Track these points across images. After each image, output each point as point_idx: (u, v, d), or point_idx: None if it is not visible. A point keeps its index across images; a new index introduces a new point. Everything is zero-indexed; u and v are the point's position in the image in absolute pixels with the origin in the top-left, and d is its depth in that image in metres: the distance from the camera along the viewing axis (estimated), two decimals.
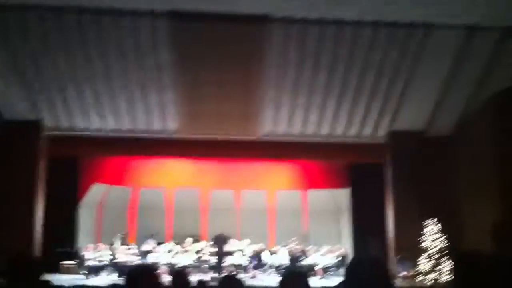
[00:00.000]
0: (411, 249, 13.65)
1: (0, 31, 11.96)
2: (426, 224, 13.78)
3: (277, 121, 14.81)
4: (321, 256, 15.09)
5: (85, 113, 14.30)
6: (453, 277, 2.12)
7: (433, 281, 13.03)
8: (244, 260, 14.80)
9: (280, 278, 3.18)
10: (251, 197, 17.86)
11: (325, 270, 14.73)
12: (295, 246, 15.70)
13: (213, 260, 14.47)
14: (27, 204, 13.86)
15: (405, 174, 14.61)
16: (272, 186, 18.11)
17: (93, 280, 12.87)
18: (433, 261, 13.36)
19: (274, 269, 14.92)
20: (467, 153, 14.06)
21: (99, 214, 17.53)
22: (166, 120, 14.67)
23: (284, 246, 15.72)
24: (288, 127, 14.98)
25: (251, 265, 14.65)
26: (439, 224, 13.69)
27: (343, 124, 14.91)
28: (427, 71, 13.17)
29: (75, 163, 16.03)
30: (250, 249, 15.36)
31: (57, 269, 14.17)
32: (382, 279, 1.94)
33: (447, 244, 13.43)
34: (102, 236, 16.73)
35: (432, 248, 13.51)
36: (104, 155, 15.86)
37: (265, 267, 14.96)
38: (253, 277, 13.92)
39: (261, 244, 15.59)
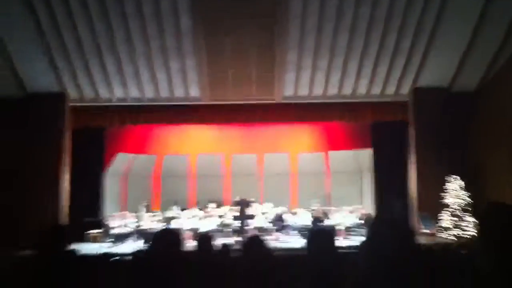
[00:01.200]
0: (434, 207, 13.66)
1: (23, 3, 11.99)
2: (449, 181, 13.73)
3: (298, 83, 14.74)
4: (344, 217, 15.15)
5: (108, 83, 14.43)
6: (480, 229, 2.10)
7: (455, 237, 13.04)
8: (267, 223, 14.94)
9: (307, 236, 3.20)
10: (273, 160, 17.97)
11: (348, 230, 14.81)
12: (317, 207, 15.80)
13: (236, 224, 14.62)
14: (54, 175, 14.18)
15: (428, 132, 14.53)
16: (294, 149, 18.18)
17: (119, 248, 13.13)
18: (456, 218, 13.35)
19: (297, 231, 15.05)
20: (492, 109, 13.87)
21: (124, 182, 17.81)
22: (187, 87, 14.73)
23: (307, 208, 15.81)
24: (310, 89, 14.92)
25: (274, 228, 14.79)
26: (462, 181, 13.63)
27: (366, 83, 14.81)
28: (451, 27, 12.91)
29: (100, 133, 16.23)
30: (272, 212, 15.49)
31: (84, 238, 14.50)
32: (404, 237, 1.95)
33: (470, 201, 13.40)
34: (127, 205, 17.05)
35: (454, 205, 13.48)
36: (128, 124, 16.01)
37: (288, 229, 15.10)
38: (276, 239, 14.06)
39: (283, 207, 15.70)
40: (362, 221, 14.95)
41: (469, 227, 13.12)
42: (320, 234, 3.44)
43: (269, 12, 12.72)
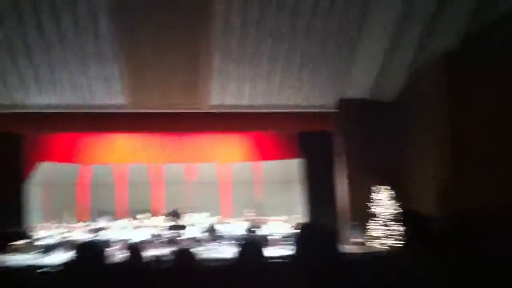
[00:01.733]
0: (364, 216, 14.00)
1: None
2: (377, 190, 14.12)
3: (225, 92, 14.78)
4: (275, 226, 15.26)
5: (24, 89, 13.83)
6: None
7: (383, 246, 13.41)
8: (199, 233, 14.83)
9: (236, 248, 3.19)
10: (203, 170, 17.86)
11: (280, 240, 14.93)
12: (249, 217, 15.83)
13: (168, 234, 14.42)
14: None
15: (354, 142, 14.96)
16: (224, 158, 18.13)
17: (44, 259, 12.64)
18: (385, 227, 13.74)
19: (230, 241, 15.02)
20: (415, 116, 14.33)
21: (48, 192, 17.13)
22: (111, 95, 14.36)
23: (239, 217, 15.82)
24: (237, 99, 14.98)
25: (207, 238, 14.69)
26: (390, 190, 14.05)
27: (292, 94, 15.04)
28: (370, 36, 13.32)
29: (20, 141, 15.47)
30: (205, 222, 15.39)
31: (7, 249, 13.83)
32: (329, 243, 1.97)
33: (398, 210, 13.82)
34: (52, 214, 16.38)
35: (383, 214, 13.87)
36: (49, 131, 15.42)
37: (221, 239, 15.03)
38: (209, 249, 13.98)
39: (216, 217, 15.63)
40: (298, 231, 15.07)
41: (398, 236, 13.52)
42: (249, 245, 3.44)
43: (194, 16, 12.67)
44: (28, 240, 14.14)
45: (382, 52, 13.85)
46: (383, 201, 14.04)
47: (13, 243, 14.08)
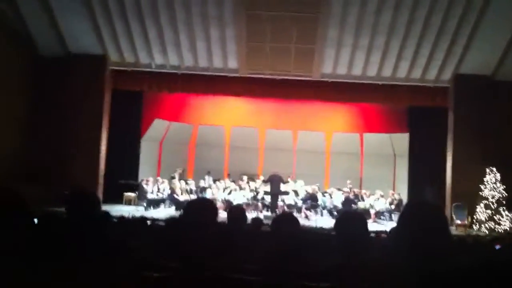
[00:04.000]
0: (468, 197, 13.45)
1: None
2: (485, 173, 13.46)
3: (337, 61, 14.58)
4: (375, 200, 15.06)
5: (148, 49, 14.55)
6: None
7: (488, 230, 12.85)
8: (298, 200, 14.98)
9: (336, 218, 3.20)
10: (308, 138, 17.90)
11: (378, 214, 14.76)
12: (349, 189, 15.73)
13: (268, 198, 14.70)
14: (93, 136, 14.50)
15: (468, 120, 14.20)
16: (330, 128, 18.05)
17: (152, 212, 13.41)
18: (490, 211, 13.13)
19: (327, 211, 15.07)
20: None
21: (160, 148, 18.07)
22: (226, 58, 14.73)
23: (339, 188, 15.76)
24: (349, 69, 14.74)
25: (305, 206, 14.82)
26: (499, 173, 13.34)
27: (407, 66, 14.52)
28: (497, 14, 12.49)
29: (139, 98, 16.50)
30: (304, 190, 15.50)
31: (119, 199, 14.87)
32: (437, 224, 1.94)
33: (505, 194, 13.13)
34: (162, 170, 17.32)
35: (490, 198, 13.24)
36: (166, 90, 16.20)
37: (319, 208, 15.12)
38: (306, 217, 14.12)
39: (315, 185, 15.70)
40: (393, 206, 14.84)
41: (504, 221, 12.91)
42: (351, 216, 3.44)
43: None
44: (138, 193, 15.07)
45: (508, 30, 12.96)
46: (491, 183, 13.36)
47: (126, 194, 15.11)
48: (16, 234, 2.37)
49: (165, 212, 13.77)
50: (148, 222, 6.51)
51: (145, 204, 14.48)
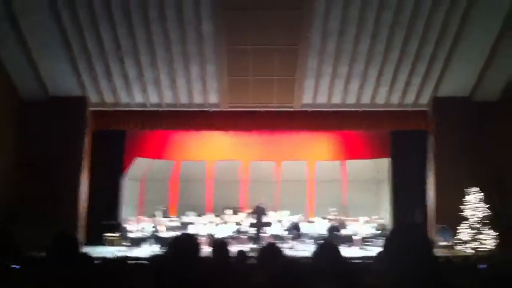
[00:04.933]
0: (452, 219, 13.52)
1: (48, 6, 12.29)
2: (468, 193, 13.57)
3: (317, 90, 14.77)
4: (360, 226, 15.06)
5: (128, 88, 14.62)
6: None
7: (473, 250, 12.88)
8: (282, 231, 14.90)
9: (313, 249, 3.20)
10: (291, 168, 17.91)
11: (364, 240, 14.73)
12: (333, 216, 15.71)
13: (252, 231, 14.61)
14: (73, 177, 14.37)
15: (448, 141, 14.41)
16: (312, 157, 18.09)
17: (135, 252, 13.21)
18: (474, 231, 13.19)
19: (313, 240, 14.99)
20: None
21: (142, 186, 17.92)
22: (207, 93, 14.83)
23: (323, 216, 15.73)
24: (329, 97, 14.92)
25: (290, 236, 14.74)
26: (481, 193, 13.46)
27: (385, 91, 14.77)
28: (472, 37, 12.83)
29: (121, 137, 16.45)
30: (289, 220, 15.44)
31: (101, 241, 14.62)
32: (423, 247, 1.93)
33: (489, 214, 13.23)
34: (144, 209, 17.14)
35: (473, 218, 13.32)
36: (148, 129, 16.22)
37: (304, 238, 15.05)
38: (292, 247, 14.02)
39: (300, 215, 15.65)
40: (379, 231, 14.85)
41: (488, 240, 12.96)
42: (326, 246, 3.44)
43: (289, 17, 12.80)
44: (120, 233, 14.85)
45: (485, 52, 13.35)
46: (474, 204, 13.46)
47: (107, 234, 14.87)
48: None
49: (149, 250, 13.56)
50: (131, 262, 6.40)
51: (128, 244, 14.25)
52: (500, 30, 12.73)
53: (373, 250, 13.06)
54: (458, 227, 13.40)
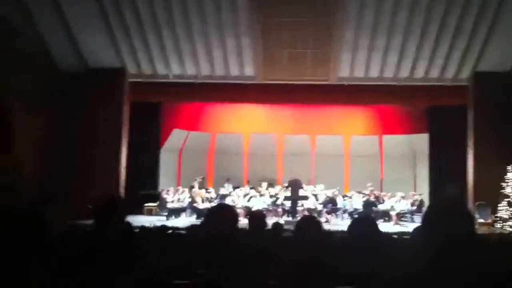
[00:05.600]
0: (491, 196, 13.29)
1: None
2: (508, 170, 13.28)
3: (354, 64, 14.55)
4: (396, 202, 14.95)
5: (165, 60, 14.71)
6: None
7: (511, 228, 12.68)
8: (318, 205, 14.93)
9: (348, 225, 3.20)
10: (326, 142, 17.86)
11: (400, 216, 14.64)
12: (370, 191, 15.63)
13: (288, 204, 14.68)
14: (113, 148, 14.64)
15: (488, 117, 14.04)
16: (348, 131, 17.99)
17: (173, 222, 13.46)
18: None
19: (348, 214, 15.00)
20: None
21: (179, 158, 18.18)
22: (242, 66, 14.81)
23: (359, 191, 15.68)
24: (365, 71, 14.70)
25: (325, 210, 14.77)
26: None
27: (424, 66, 14.44)
28: None
29: (157, 109, 16.70)
30: (324, 194, 15.45)
31: (140, 210, 14.96)
32: (463, 222, 1.92)
33: None
34: (182, 180, 17.41)
35: None
36: (184, 100, 16.38)
37: (339, 212, 15.06)
38: (327, 221, 14.06)
39: (335, 189, 15.64)
40: (415, 207, 14.72)
41: None
42: (363, 220, 3.44)
43: None
44: (159, 203, 15.16)
45: None
46: None
47: (146, 204, 15.20)
48: (41, 252, 2.41)
49: (186, 221, 13.83)
50: (170, 231, 6.55)
51: (166, 214, 14.55)
52: None
53: (409, 226, 13.00)
54: (497, 205, 13.17)
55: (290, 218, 13.80)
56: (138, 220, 11.87)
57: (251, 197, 15.25)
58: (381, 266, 2.52)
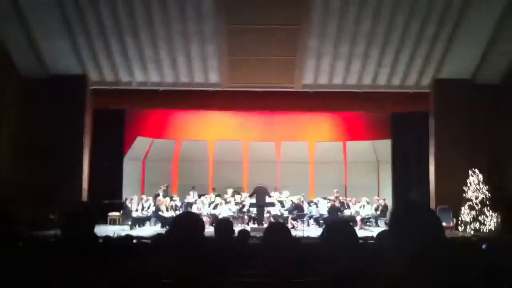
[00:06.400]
0: (452, 200, 13.56)
1: None
2: (469, 174, 13.59)
3: (318, 71, 14.69)
4: (361, 207, 15.11)
5: (128, 67, 14.56)
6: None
7: (473, 231, 12.96)
8: (284, 211, 14.95)
9: (324, 226, 3.19)
10: (291, 148, 17.96)
11: (365, 221, 14.81)
12: (335, 197, 15.74)
13: (254, 211, 14.65)
14: (75, 156, 14.38)
15: (449, 123, 14.37)
16: (313, 138, 18.14)
17: (137, 231, 13.28)
18: (474, 212, 13.24)
19: (314, 220, 15.07)
20: None
21: (143, 166, 17.96)
22: (208, 73, 14.78)
23: (324, 197, 15.77)
24: (330, 78, 14.85)
25: (291, 216, 14.79)
26: (481, 175, 13.48)
27: (387, 73, 14.71)
28: (475, 17, 12.75)
29: (121, 117, 16.49)
30: (290, 200, 15.49)
31: (103, 220, 14.68)
32: (431, 224, 1.92)
33: (489, 195, 13.27)
34: (146, 188, 17.20)
35: (474, 199, 13.36)
36: (148, 108, 16.25)
37: (305, 218, 15.11)
38: (293, 227, 14.08)
39: (301, 195, 15.70)
40: (379, 212, 14.92)
41: (488, 221, 13.02)
42: (339, 223, 3.44)
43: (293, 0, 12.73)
44: (123, 212, 14.91)
45: (487, 34, 13.24)
46: (475, 185, 13.49)
47: (110, 213, 14.93)
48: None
49: (151, 230, 13.64)
50: (134, 241, 6.43)
51: (130, 223, 14.32)
52: (502, 13, 12.62)
53: (374, 230, 13.14)
54: (458, 208, 13.45)
55: (256, 225, 13.76)
56: (102, 230, 11.64)
57: (216, 204, 15.16)
58: (355, 269, 2.51)
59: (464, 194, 13.52)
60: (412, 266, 1.81)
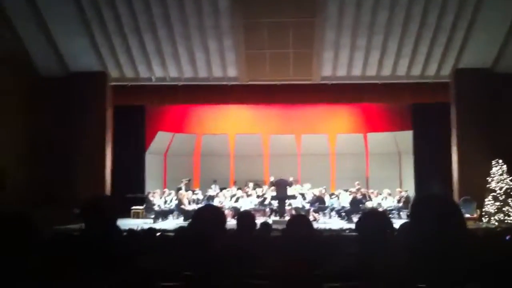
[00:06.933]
0: (476, 191, 13.41)
1: None
2: (492, 165, 13.41)
3: (336, 63, 14.61)
4: (383, 199, 15.03)
5: (147, 63, 14.67)
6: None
7: (497, 222, 12.80)
8: (305, 203, 14.94)
9: (360, 217, 3.17)
10: (311, 141, 17.92)
11: (387, 212, 14.70)
12: (356, 189, 15.67)
13: (275, 203, 14.67)
14: (97, 152, 14.57)
15: (470, 113, 14.17)
16: (333, 130, 18.08)
17: (160, 224, 13.40)
18: (498, 203, 13.08)
19: (335, 212, 15.03)
20: None
21: (165, 160, 18.12)
22: (225, 67, 14.82)
23: (346, 189, 15.71)
24: (348, 70, 14.77)
25: (312, 208, 14.78)
26: (505, 165, 13.29)
27: (406, 64, 14.55)
28: (493, 7, 12.53)
29: (141, 112, 16.67)
30: (311, 193, 15.47)
31: (127, 214, 14.86)
32: (452, 216, 1.91)
33: None
34: (168, 182, 17.35)
35: (497, 190, 13.19)
36: (168, 103, 16.37)
37: (327, 210, 15.08)
38: (315, 220, 14.06)
39: (322, 188, 15.67)
40: (401, 204, 14.81)
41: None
42: (373, 214, 3.42)
43: None
44: (146, 206, 15.08)
45: (507, 22, 13.00)
46: (498, 175, 13.31)
47: (133, 207, 15.11)
48: (29, 257, 2.36)
49: (173, 223, 13.76)
50: (157, 234, 6.50)
51: (153, 217, 14.47)
52: None
53: (397, 222, 13.07)
54: (482, 199, 13.29)
55: (278, 218, 13.78)
56: (125, 223, 11.79)
57: (238, 197, 15.22)
58: (374, 261, 2.51)
59: (487, 185, 13.35)
60: (432, 258, 1.81)
